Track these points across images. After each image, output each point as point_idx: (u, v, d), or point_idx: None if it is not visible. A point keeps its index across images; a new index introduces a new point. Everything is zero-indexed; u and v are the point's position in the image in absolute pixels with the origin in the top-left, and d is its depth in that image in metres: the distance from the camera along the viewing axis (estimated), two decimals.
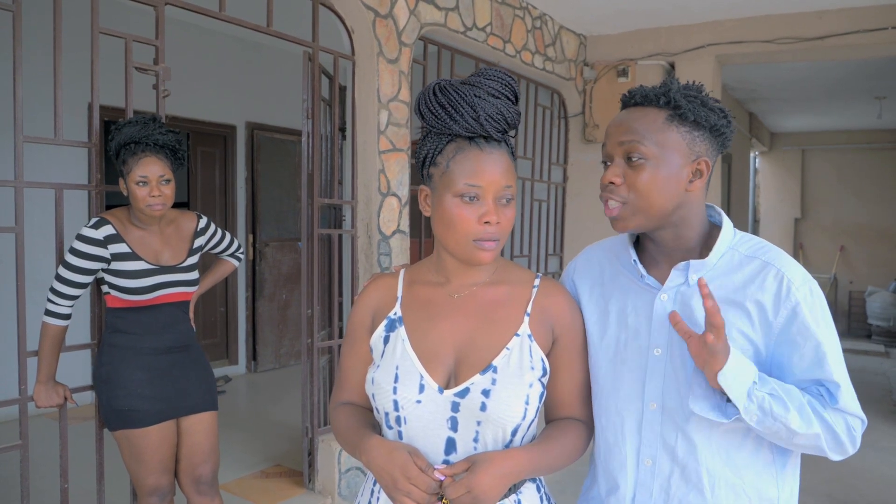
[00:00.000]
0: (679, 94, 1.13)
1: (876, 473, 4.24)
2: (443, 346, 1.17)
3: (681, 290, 1.17)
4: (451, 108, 1.12)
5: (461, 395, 1.13)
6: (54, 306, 2.18)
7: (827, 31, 4.65)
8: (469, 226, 1.12)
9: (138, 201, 2.18)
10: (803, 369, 1.11)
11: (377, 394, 1.17)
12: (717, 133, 1.15)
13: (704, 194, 1.19)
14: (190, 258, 2.37)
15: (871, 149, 9.82)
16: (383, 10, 3.42)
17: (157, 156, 2.19)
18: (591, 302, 1.26)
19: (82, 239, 2.16)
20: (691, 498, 1.15)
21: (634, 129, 1.13)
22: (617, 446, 1.21)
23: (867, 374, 7.25)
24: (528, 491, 1.20)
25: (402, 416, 1.15)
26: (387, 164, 3.52)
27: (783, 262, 1.14)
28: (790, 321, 1.10)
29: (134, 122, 2.20)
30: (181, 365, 2.33)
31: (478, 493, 1.05)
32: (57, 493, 2.38)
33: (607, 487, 1.24)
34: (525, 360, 1.16)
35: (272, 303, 6.08)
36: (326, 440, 3.32)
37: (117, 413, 2.21)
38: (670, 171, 1.12)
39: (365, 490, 1.28)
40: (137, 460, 2.24)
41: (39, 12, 2.29)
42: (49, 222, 2.49)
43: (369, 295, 1.27)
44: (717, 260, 1.16)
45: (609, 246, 1.32)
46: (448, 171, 1.13)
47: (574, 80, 5.28)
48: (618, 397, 1.20)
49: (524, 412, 1.13)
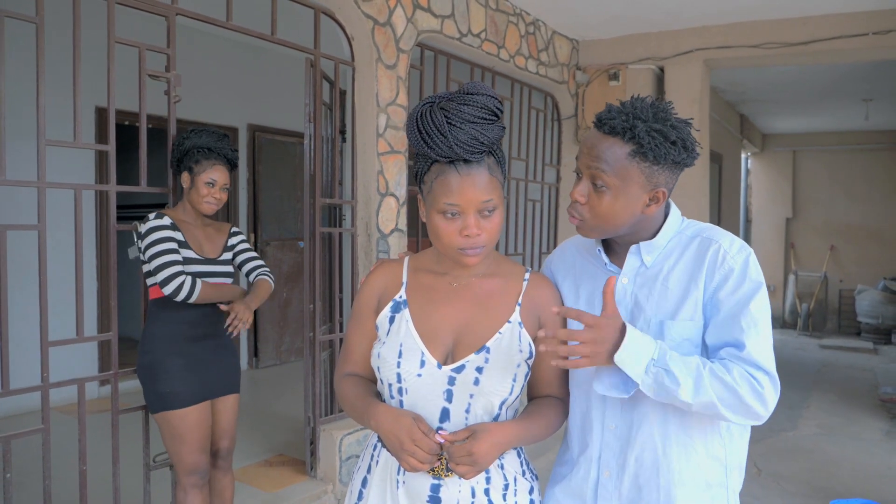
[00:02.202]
0: (644, 132, 1.22)
1: (856, 463, 4.40)
2: (442, 328, 1.33)
3: (640, 271, 1.35)
4: (428, 136, 1.22)
5: (457, 371, 1.29)
6: (179, 278, 2.35)
7: (811, 36, 4.81)
8: (452, 238, 1.26)
9: (201, 196, 2.51)
10: (724, 323, 1.25)
11: (382, 367, 1.33)
12: (678, 165, 1.28)
13: (663, 208, 1.35)
14: (225, 253, 2.63)
15: (860, 150, 10.00)
16: (382, 19, 3.58)
17: (226, 167, 2.57)
18: (565, 288, 1.44)
19: (154, 228, 2.40)
20: (646, 455, 1.32)
21: (601, 157, 1.26)
22: (585, 412, 1.38)
23: (855, 370, 7.42)
24: (510, 457, 1.37)
25: (403, 387, 1.31)
26: (385, 165, 3.67)
27: (720, 236, 1.31)
28: (722, 284, 1.27)
29: (210, 132, 2.56)
30: (214, 350, 2.54)
31: (477, 458, 1.21)
32: (70, 482, 2.52)
33: (579, 449, 1.42)
34: (514, 344, 1.32)
35: (273, 301, 6.22)
36: (328, 430, 3.47)
37: (159, 396, 2.41)
38: (628, 200, 1.27)
39: (365, 455, 1.44)
40: (179, 440, 2.43)
41: (45, 22, 2.44)
42: (54, 221, 2.66)
43: (376, 278, 1.42)
44: (666, 242, 1.34)
45: (579, 240, 1.49)
46: (432, 190, 1.27)
47: (567, 83, 5.44)
48: (587, 371, 1.36)
49: (511, 388, 1.30)
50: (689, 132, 1.28)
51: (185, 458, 2.44)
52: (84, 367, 4.66)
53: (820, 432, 5.09)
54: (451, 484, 1.30)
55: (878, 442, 4.89)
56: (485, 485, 1.31)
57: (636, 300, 1.33)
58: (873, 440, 4.93)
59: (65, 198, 3.07)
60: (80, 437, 2.52)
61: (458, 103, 1.23)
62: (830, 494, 3.78)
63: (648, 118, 1.24)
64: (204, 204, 2.52)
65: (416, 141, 1.25)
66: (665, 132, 1.23)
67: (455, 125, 1.21)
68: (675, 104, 1.32)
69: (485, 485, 1.31)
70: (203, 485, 2.50)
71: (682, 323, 1.28)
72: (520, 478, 1.37)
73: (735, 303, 1.25)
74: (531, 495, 1.38)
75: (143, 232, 2.41)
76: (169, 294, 2.36)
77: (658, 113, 1.26)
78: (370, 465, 1.41)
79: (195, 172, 2.51)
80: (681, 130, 1.26)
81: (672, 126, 1.25)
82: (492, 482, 1.32)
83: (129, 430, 2.94)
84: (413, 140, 1.26)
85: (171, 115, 2.74)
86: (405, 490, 1.32)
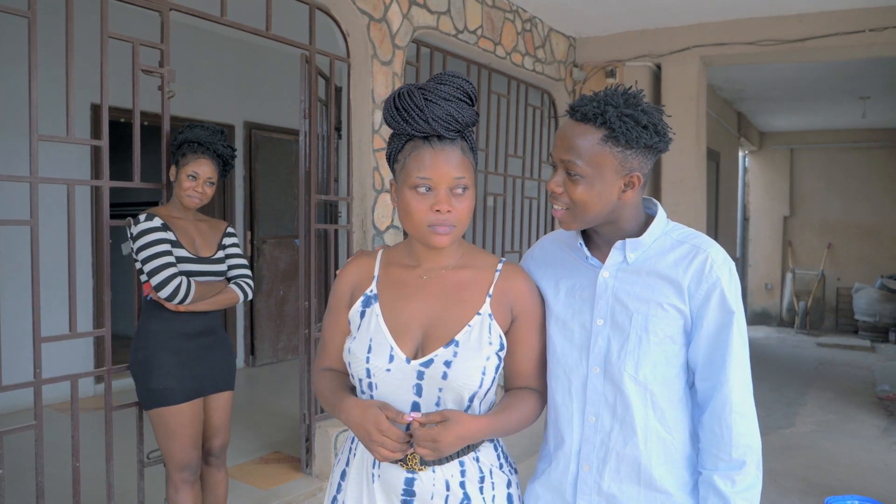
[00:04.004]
0: (614, 117, 1.23)
1: (853, 459, 4.40)
2: (412, 322, 1.33)
3: (621, 267, 1.34)
4: (405, 112, 1.26)
5: (426, 366, 1.29)
6: (175, 280, 2.33)
7: (808, 33, 4.81)
8: (422, 214, 1.26)
9: (182, 190, 2.48)
10: (712, 341, 1.28)
11: (352, 362, 1.33)
12: (651, 149, 1.28)
13: (640, 195, 1.34)
14: (219, 252, 2.60)
15: (857, 147, 10.00)
16: (377, 15, 3.57)
17: (213, 161, 2.52)
18: (544, 281, 1.43)
19: (145, 231, 2.37)
20: (628, 450, 1.31)
21: (573, 147, 1.27)
22: (565, 406, 1.37)
23: (853, 367, 7.43)
24: (486, 449, 1.36)
25: (373, 382, 1.31)
26: (381, 161, 3.67)
27: (708, 246, 1.32)
28: (709, 294, 1.28)
29: (205, 127, 2.56)
30: (208, 347, 2.53)
31: (440, 445, 1.22)
32: (63, 479, 2.51)
33: (555, 443, 1.41)
34: (484, 336, 1.31)
35: (270, 298, 6.21)
36: (323, 427, 3.46)
37: (152, 392, 2.39)
38: (603, 186, 1.27)
39: (344, 448, 1.44)
40: (171, 436, 2.41)
41: (38, 17, 2.43)
42: (47, 217, 2.63)
43: (350, 271, 1.42)
44: (652, 242, 1.34)
45: (560, 235, 1.49)
46: (405, 167, 1.28)
47: (563, 80, 5.43)
48: (566, 363, 1.36)
49: (480, 381, 1.29)
50: (661, 118, 1.29)
51: (176, 455, 2.43)
52: (78, 363, 4.64)
53: (817, 429, 5.09)
54: (426, 477, 1.30)
55: (875, 439, 4.89)
56: (459, 477, 1.31)
57: (616, 295, 1.33)
58: (870, 437, 4.93)
59: (59, 194, 3.06)
60: (73, 433, 2.51)
61: (435, 83, 1.28)
62: (827, 491, 3.78)
63: (619, 104, 1.26)
64: (185, 197, 2.48)
65: (393, 118, 1.28)
66: (636, 116, 1.24)
67: (432, 101, 1.25)
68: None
69: (459, 477, 1.31)
70: (194, 481, 2.49)
71: (666, 320, 1.29)
72: (496, 470, 1.36)
73: (722, 317, 1.28)
74: (509, 489, 1.38)
75: (134, 234, 2.39)
76: (165, 298, 2.34)
77: (629, 99, 1.27)
78: (349, 458, 1.40)
79: (180, 165, 2.50)
80: (651, 115, 1.27)
81: (643, 111, 1.26)
82: (466, 475, 1.32)
83: (124, 426, 2.93)
84: (389, 118, 1.28)
85: (164, 110, 2.73)
86: (380, 483, 1.32)
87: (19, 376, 2.43)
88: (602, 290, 1.34)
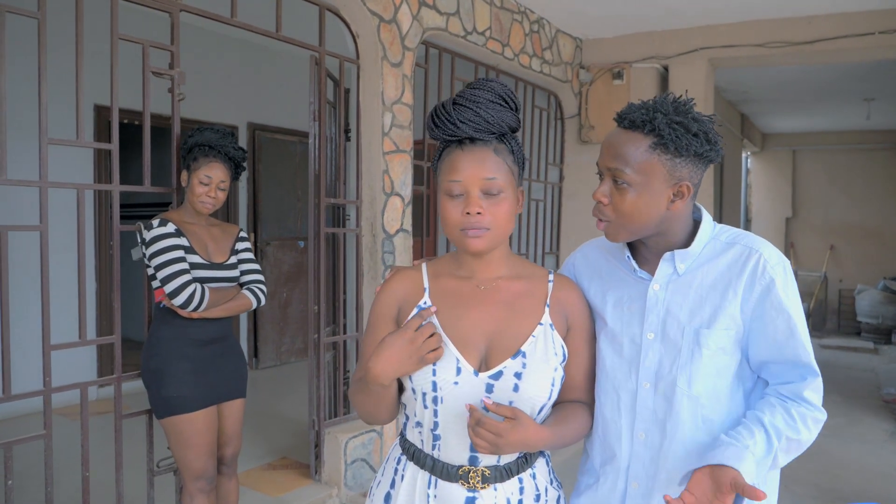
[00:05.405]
0: (663, 124, 1.20)
1: (862, 464, 4.38)
2: (474, 333, 1.28)
3: (672, 278, 1.30)
4: (437, 118, 1.26)
5: (495, 378, 1.24)
6: (189, 287, 2.30)
7: (816, 35, 4.78)
8: (455, 218, 1.23)
9: (195, 195, 2.44)
10: (777, 340, 1.24)
11: (415, 376, 1.26)
12: (701, 158, 1.24)
13: (689, 206, 1.30)
14: (232, 257, 2.55)
15: (860, 149, 9.99)
16: (387, 16, 3.53)
17: (224, 164, 2.48)
18: (591, 292, 1.40)
19: (158, 237, 2.33)
20: (680, 467, 1.27)
21: (620, 154, 1.23)
22: (614, 421, 1.34)
23: (856, 370, 7.41)
24: (541, 466, 1.34)
25: (439, 396, 1.25)
26: (390, 164, 3.63)
27: (760, 245, 1.28)
28: (764, 296, 1.24)
29: (215, 130, 2.50)
30: (221, 354, 2.49)
31: (501, 441, 1.15)
32: (69, 486, 2.47)
33: (602, 458, 1.37)
34: (549, 347, 1.28)
35: (273, 301, 6.17)
36: (333, 432, 3.42)
37: (166, 400, 2.34)
38: (652, 196, 1.23)
39: (386, 469, 1.38)
40: (186, 445, 2.37)
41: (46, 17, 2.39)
42: (51, 221, 2.58)
43: (394, 287, 1.36)
44: (701, 249, 1.30)
45: (604, 244, 1.44)
46: (439, 172, 1.29)
47: (570, 82, 5.40)
48: (615, 377, 1.32)
49: (550, 393, 1.26)
50: (712, 126, 1.25)
51: (193, 464, 2.39)
52: (83, 368, 4.61)
53: (825, 433, 4.99)
54: (487, 496, 1.26)
55: (883, 443, 4.87)
56: (518, 495, 1.28)
57: (668, 308, 1.29)
58: (878, 441, 4.91)
59: (63, 198, 3.02)
60: (82, 442, 2.46)
61: (469, 88, 1.28)
62: (838, 497, 3.76)
63: (669, 111, 1.22)
64: (198, 203, 2.44)
65: (429, 127, 1.28)
66: (686, 124, 1.21)
67: (461, 105, 1.25)
68: None
69: (518, 495, 1.28)
70: (210, 490, 2.45)
71: (719, 332, 1.25)
72: (549, 487, 1.34)
73: (786, 319, 1.24)
74: None
75: (147, 240, 2.35)
76: (179, 305, 2.30)
77: (679, 107, 1.24)
78: (394, 480, 1.35)
79: (192, 170, 2.45)
80: (702, 123, 1.23)
81: (693, 119, 1.23)
82: (525, 492, 1.29)
83: (132, 433, 2.89)
84: (428, 129, 1.29)
85: (175, 113, 2.69)
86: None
87: (27, 382, 2.38)
88: (653, 303, 1.30)
